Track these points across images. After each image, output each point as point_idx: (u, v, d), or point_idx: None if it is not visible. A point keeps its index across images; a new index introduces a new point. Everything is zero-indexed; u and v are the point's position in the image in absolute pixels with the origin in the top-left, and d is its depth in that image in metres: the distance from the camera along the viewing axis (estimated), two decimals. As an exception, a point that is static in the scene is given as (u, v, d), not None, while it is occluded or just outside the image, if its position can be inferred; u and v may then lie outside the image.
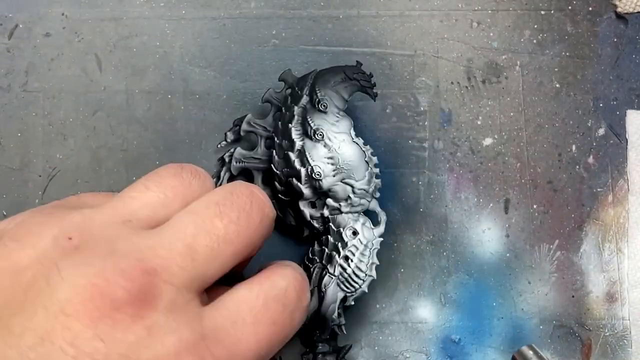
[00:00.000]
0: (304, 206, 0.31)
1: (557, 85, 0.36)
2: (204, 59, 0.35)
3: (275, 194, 0.32)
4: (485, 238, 0.35)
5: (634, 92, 0.36)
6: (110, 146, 0.34)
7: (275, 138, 0.32)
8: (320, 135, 0.30)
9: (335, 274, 0.31)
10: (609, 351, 0.34)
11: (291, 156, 0.31)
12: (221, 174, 0.33)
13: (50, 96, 0.35)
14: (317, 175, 0.30)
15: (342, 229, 0.31)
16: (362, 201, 0.31)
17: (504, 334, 0.34)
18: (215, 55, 0.35)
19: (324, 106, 0.31)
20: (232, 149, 0.33)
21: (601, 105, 0.36)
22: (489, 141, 0.36)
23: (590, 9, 0.36)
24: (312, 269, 0.31)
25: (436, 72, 0.36)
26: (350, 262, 0.31)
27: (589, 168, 0.36)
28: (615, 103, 0.36)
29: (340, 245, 0.31)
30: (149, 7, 0.35)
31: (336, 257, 0.31)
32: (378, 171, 0.32)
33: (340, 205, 0.31)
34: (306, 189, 0.31)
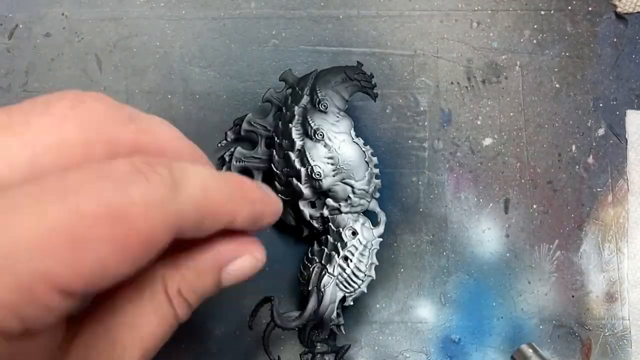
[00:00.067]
0: (303, 206, 0.31)
1: (557, 85, 0.36)
2: (204, 59, 0.35)
3: (275, 193, 0.32)
4: (485, 238, 0.35)
5: (634, 92, 0.36)
6: (110, 146, 0.34)
7: (276, 138, 0.32)
8: (321, 135, 0.30)
9: (335, 274, 0.30)
10: (608, 351, 0.34)
11: (291, 156, 0.31)
12: (221, 174, 0.33)
13: (51, 96, 0.35)
14: (317, 175, 0.30)
15: (341, 229, 0.31)
16: (362, 201, 0.31)
17: (504, 334, 0.34)
18: (215, 55, 0.35)
19: (324, 106, 0.31)
20: (233, 148, 0.33)
21: (601, 105, 0.36)
22: (488, 141, 0.36)
23: (590, 9, 0.36)
24: (311, 268, 0.31)
25: (436, 72, 0.36)
26: (350, 262, 0.31)
27: (589, 168, 0.36)
28: (615, 103, 0.36)
29: (339, 245, 0.31)
30: (149, 7, 0.35)
31: (335, 257, 0.31)
32: (378, 171, 0.32)
33: (340, 206, 0.31)
34: (306, 189, 0.31)
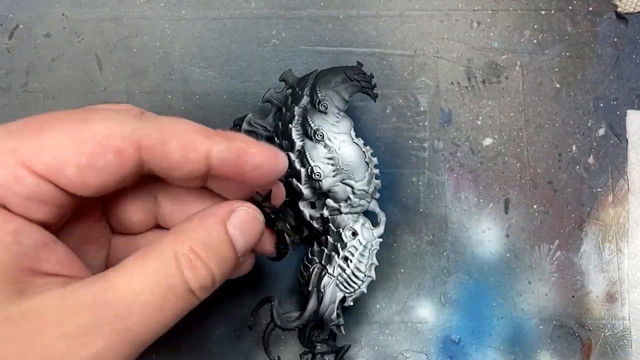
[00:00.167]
0: (303, 206, 0.31)
1: (557, 85, 0.36)
2: (204, 59, 0.35)
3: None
4: (485, 238, 0.35)
5: (634, 92, 0.36)
6: (110, 146, 0.34)
7: (276, 138, 0.32)
8: (321, 135, 0.30)
9: (335, 274, 0.30)
10: (609, 351, 0.34)
11: (291, 156, 0.31)
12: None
13: (51, 96, 0.35)
14: (317, 175, 0.30)
15: (341, 230, 0.31)
16: (362, 202, 0.31)
17: (504, 334, 0.34)
18: (215, 55, 0.35)
19: (324, 107, 0.31)
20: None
21: (601, 105, 0.36)
22: (489, 141, 0.36)
23: (590, 9, 0.36)
24: (311, 269, 0.31)
25: (436, 72, 0.36)
26: (350, 263, 0.31)
27: (589, 168, 0.36)
28: (615, 103, 0.36)
29: (339, 245, 0.31)
30: (149, 7, 0.35)
31: (335, 258, 0.31)
32: (378, 172, 0.32)
33: (340, 206, 0.31)
34: (306, 190, 0.31)
